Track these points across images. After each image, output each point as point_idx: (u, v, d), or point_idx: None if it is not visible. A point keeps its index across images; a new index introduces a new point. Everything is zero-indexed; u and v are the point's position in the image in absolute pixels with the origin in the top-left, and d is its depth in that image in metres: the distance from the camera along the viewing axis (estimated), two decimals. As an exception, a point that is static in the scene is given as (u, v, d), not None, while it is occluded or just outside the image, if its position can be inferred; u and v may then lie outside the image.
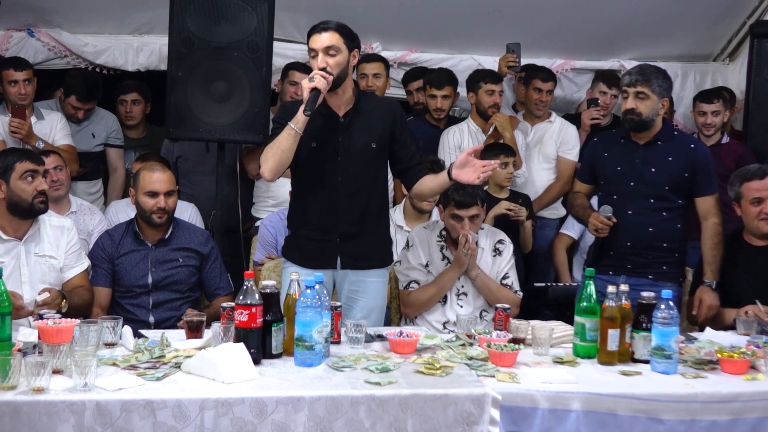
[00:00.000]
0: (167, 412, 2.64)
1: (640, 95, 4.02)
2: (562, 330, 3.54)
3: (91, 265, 4.15)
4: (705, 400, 2.94)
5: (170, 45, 4.76)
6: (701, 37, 6.42)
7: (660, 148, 4.08)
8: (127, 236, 4.21)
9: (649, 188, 4.07)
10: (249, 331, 3.02)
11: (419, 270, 4.27)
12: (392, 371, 3.00)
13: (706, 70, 6.60)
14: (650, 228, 4.07)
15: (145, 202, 4.13)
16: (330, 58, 3.68)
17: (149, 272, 4.14)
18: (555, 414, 2.87)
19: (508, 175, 5.02)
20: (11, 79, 5.10)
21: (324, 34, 3.72)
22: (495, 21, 5.94)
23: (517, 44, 5.66)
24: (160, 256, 4.17)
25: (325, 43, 3.69)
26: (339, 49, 3.71)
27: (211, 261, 4.28)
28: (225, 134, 4.83)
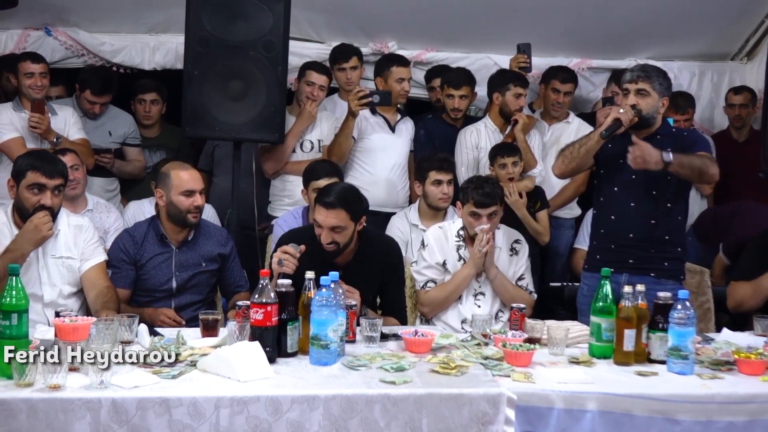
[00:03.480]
0: (183, 410, 2.65)
1: (642, 92, 3.99)
2: (578, 330, 3.53)
3: (111, 265, 4.07)
4: (722, 401, 2.93)
5: (186, 44, 4.78)
6: (719, 36, 6.39)
7: (660, 141, 4.04)
8: (149, 237, 4.12)
9: (651, 180, 4.02)
10: (264, 329, 3.03)
11: (436, 269, 4.27)
12: (407, 370, 3.00)
13: (723, 70, 6.56)
14: (653, 220, 4.03)
15: (182, 202, 4.03)
16: (336, 234, 3.75)
17: (173, 276, 4.09)
18: (570, 414, 2.86)
19: (509, 175, 5.00)
20: (28, 71, 5.10)
21: (330, 212, 3.73)
22: (511, 20, 5.93)
23: (527, 44, 5.64)
24: (183, 260, 4.11)
25: (332, 223, 3.74)
26: (345, 227, 3.77)
27: (231, 260, 4.25)
28: (241, 133, 4.84)
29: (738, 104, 6.09)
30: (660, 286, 3.70)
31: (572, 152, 4.11)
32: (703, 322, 4.58)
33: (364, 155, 5.33)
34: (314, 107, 5.29)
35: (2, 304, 2.79)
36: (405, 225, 4.88)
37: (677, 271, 4.12)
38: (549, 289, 5.00)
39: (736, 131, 6.16)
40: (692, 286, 4.63)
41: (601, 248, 4.18)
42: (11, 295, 2.79)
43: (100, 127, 5.54)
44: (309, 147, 5.36)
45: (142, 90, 5.79)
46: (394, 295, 4.07)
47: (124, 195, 5.69)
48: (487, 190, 4.16)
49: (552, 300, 4.87)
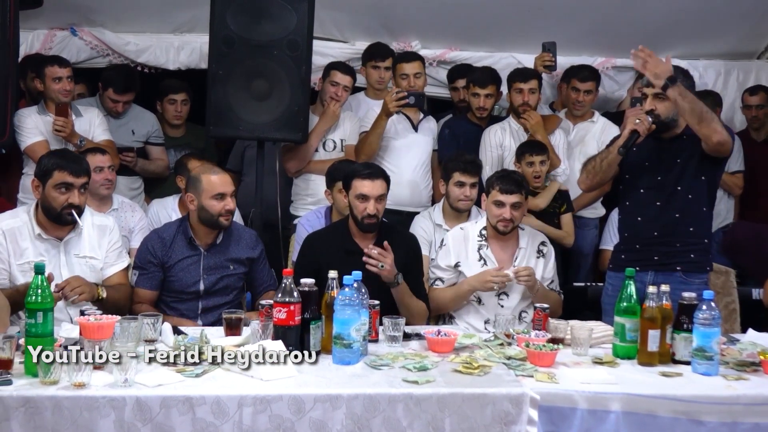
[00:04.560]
0: (206, 408, 2.66)
1: (660, 96, 3.94)
2: (602, 330, 3.51)
3: (138, 266, 4.09)
4: (747, 403, 2.91)
5: (211, 43, 4.80)
6: (745, 35, 6.34)
7: (686, 142, 4.01)
8: (178, 239, 4.11)
9: (678, 180, 3.99)
10: (287, 328, 3.04)
11: (446, 270, 4.27)
12: (430, 370, 3.00)
13: (749, 68, 6.51)
14: (677, 214, 3.99)
15: (213, 206, 4.02)
16: (379, 204, 4.06)
17: (201, 279, 4.08)
18: (594, 415, 2.85)
19: (536, 173, 4.99)
20: (56, 75, 5.13)
21: (376, 182, 4.07)
22: (535, 19, 5.91)
23: (552, 43, 5.61)
24: (212, 263, 4.10)
25: (379, 191, 4.06)
26: (385, 195, 4.12)
27: (261, 262, 4.25)
28: (265, 132, 4.85)
29: (755, 105, 6.08)
30: (685, 286, 3.68)
31: (594, 167, 4.10)
32: (728, 322, 4.55)
33: (388, 154, 5.32)
34: (338, 107, 5.30)
35: (28, 303, 2.82)
36: (429, 225, 4.87)
37: (704, 262, 4.07)
38: (573, 290, 4.97)
39: (755, 132, 6.13)
40: (717, 287, 4.60)
41: (626, 249, 4.16)
42: (36, 294, 2.81)
43: (123, 126, 5.57)
44: (332, 146, 5.36)
45: (173, 90, 5.81)
46: (415, 283, 4.09)
47: (147, 194, 5.71)
48: (514, 178, 4.19)
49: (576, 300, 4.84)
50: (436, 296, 4.25)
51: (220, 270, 4.12)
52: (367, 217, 3.98)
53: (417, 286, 4.10)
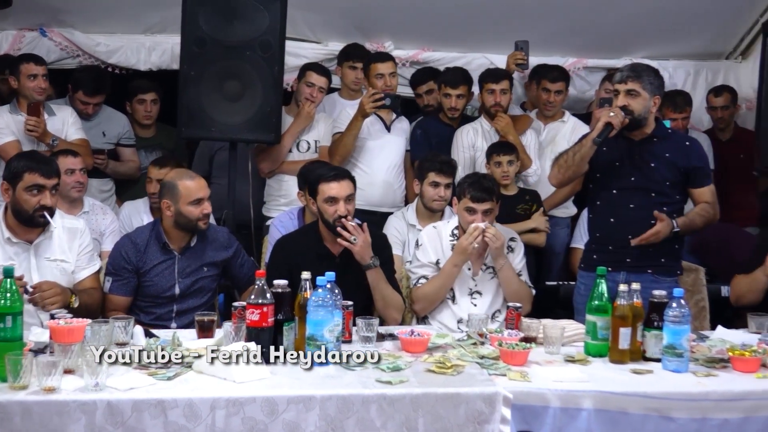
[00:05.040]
0: (178, 411, 2.65)
1: (632, 93, 3.99)
2: (574, 328, 3.54)
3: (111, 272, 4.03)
4: (716, 399, 2.94)
5: (183, 44, 4.78)
6: (714, 36, 6.41)
7: (657, 144, 4.06)
8: (152, 244, 4.07)
9: (650, 183, 4.04)
10: (260, 330, 3.03)
11: (429, 267, 4.26)
12: (403, 370, 3.00)
13: (718, 69, 6.59)
14: (652, 221, 4.04)
15: (191, 212, 3.98)
16: (350, 204, 4.01)
17: (176, 283, 4.06)
18: (566, 412, 2.87)
19: (504, 173, 5.00)
20: (31, 73, 5.08)
21: (342, 182, 4.02)
22: (507, 19, 5.93)
23: (525, 42, 5.63)
24: (186, 266, 4.08)
25: (347, 191, 4.01)
26: (353, 194, 4.06)
27: (238, 258, 4.23)
28: (237, 134, 4.84)
29: (719, 106, 6.15)
30: (657, 284, 3.71)
31: (567, 161, 4.12)
32: (698, 320, 4.59)
33: (361, 155, 5.32)
34: (313, 108, 5.30)
35: (-4, 307, 2.79)
36: (402, 225, 4.88)
37: (674, 267, 4.14)
38: (545, 288, 5.00)
39: (721, 132, 6.20)
40: (687, 284, 4.63)
41: (598, 249, 4.19)
42: (5, 297, 2.78)
43: (93, 128, 5.53)
44: (305, 147, 5.36)
45: (142, 90, 5.78)
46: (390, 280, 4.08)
47: (119, 196, 5.68)
48: (484, 186, 4.16)
49: (548, 299, 4.87)
50: (424, 292, 4.23)
51: (194, 273, 4.09)
52: (339, 219, 3.95)
53: (391, 282, 4.09)
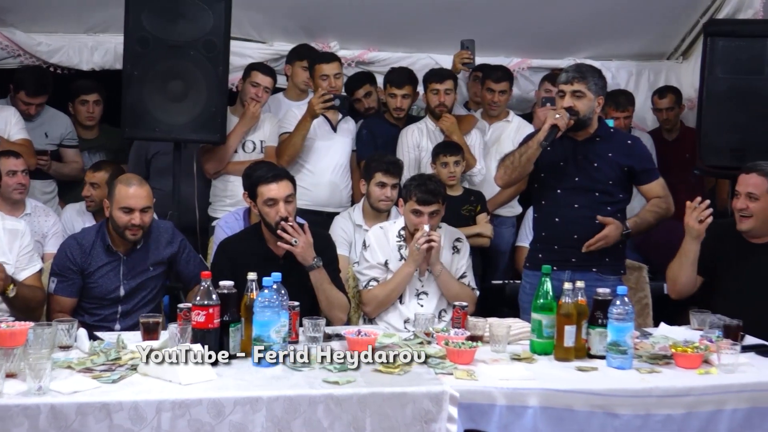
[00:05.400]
0: (123, 414, 2.62)
1: (577, 93, 4.03)
2: (519, 327, 3.56)
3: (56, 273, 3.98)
4: (660, 395, 2.98)
5: (125, 44, 4.73)
6: (656, 36, 6.51)
7: (599, 144, 4.11)
8: (97, 246, 4.02)
9: (594, 182, 4.08)
10: (206, 331, 3.01)
11: (378, 268, 4.27)
12: (350, 370, 3.00)
13: (660, 69, 6.69)
14: (595, 219, 4.08)
15: (120, 218, 3.94)
16: (289, 205, 3.96)
17: (121, 284, 4.01)
18: (512, 410, 2.89)
19: (450, 173, 5.03)
20: None
21: (281, 183, 3.98)
22: (452, 20, 5.96)
23: (471, 41, 5.67)
24: (131, 268, 4.04)
25: (286, 192, 3.97)
26: (293, 194, 4.03)
27: (184, 254, 4.18)
28: (182, 134, 4.80)
29: (664, 108, 6.23)
30: (601, 283, 3.76)
31: (513, 162, 4.15)
32: (641, 317, 4.66)
33: (307, 156, 5.31)
34: (258, 108, 5.27)
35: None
36: (349, 225, 4.88)
37: (618, 266, 4.19)
38: (491, 287, 5.04)
39: (667, 132, 6.30)
40: (631, 282, 4.70)
41: (543, 248, 4.23)
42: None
43: (36, 129, 5.44)
44: (251, 148, 5.33)
45: (84, 91, 5.71)
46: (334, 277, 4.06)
47: (61, 198, 5.60)
48: (430, 188, 4.17)
49: (494, 298, 4.91)
50: (373, 297, 4.24)
51: (140, 274, 4.06)
52: (280, 221, 3.90)
53: (335, 282, 4.08)
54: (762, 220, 3.96)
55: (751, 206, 3.94)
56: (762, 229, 3.98)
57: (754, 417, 3.05)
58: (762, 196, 3.94)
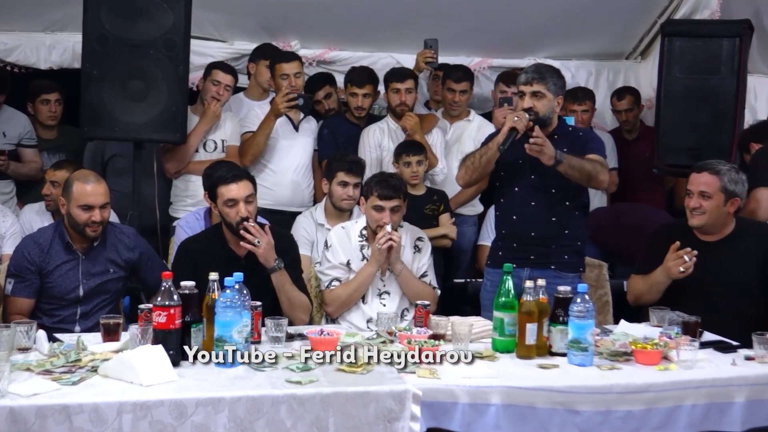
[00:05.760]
0: (84, 416, 2.60)
1: (537, 94, 4.04)
2: (481, 325, 3.58)
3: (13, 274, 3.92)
4: (620, 391, 3.01)
5: (84, 43, 4.68)
6: (614, 36, 6.58)
7: (556, 142, 4.12)
8: (55, 244, 3.98)
9: (550, 180, 4.08)
10: (167, 332, 2.99)
11: (340, 268, 4.27)
12: (313, 370, 3.00)
13: (619, 68, 6.76)
14: (553, 217, 4.11)
15: (79, 215, 3.90)
16: (250, 205, 3.95)
17: (80, 284, 3.97)
18: (475, 408, 2.90)
19: (413, 173, 5.04)
20: None
21: (240, 183, 3.96)
22: (414, 19, 5.97)
23: (434, 40, 5.68)
24: (91, 267, 3.99)
25: (246, 192, 3.95)
26: (254, 194, 4.01)
27: (146, 260, 4.15)
28: (142, 133, 4.77)
29: (623, 110, 6.29)
30: (560, 280, 3.79)
31: (473, 162, 4.15)
32: (601, 314, 4.70)
33: (269, 155, 5.30)
34: (218, 107, 5.25)
35: None
36: (311, 225, 4.87)
37: (577, 263, 4.21)
38: (453, 286, 5.06)
39: (627, 132, 6.36)
40: (591, 280, 4.75)
41: (503, 246, 4.24)
42: None
43: (-7, 129, 5.39)
44: (212, 147, 5.31)
45: (46, 90, 5.65)
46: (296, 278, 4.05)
47: (20, 198, 5.54)
48: (391, 183, 4.19)
49: (456, 296, 4.93)
50: (336, 297, 4.24)
51: (99, 275, 4.01)
52: (241, 221, 3.89)
53: (297, 283, 4.08)
54: (714, 217, 4.02)
55: (704, 204, 4.00)
56: (714, 226, 4.04)
57: (712, 412, 3.09)
58: (714, 194, 4.00)
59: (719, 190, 4.00)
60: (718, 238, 4.05)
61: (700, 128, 5.25)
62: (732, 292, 3.98)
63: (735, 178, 4.04)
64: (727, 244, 4.05)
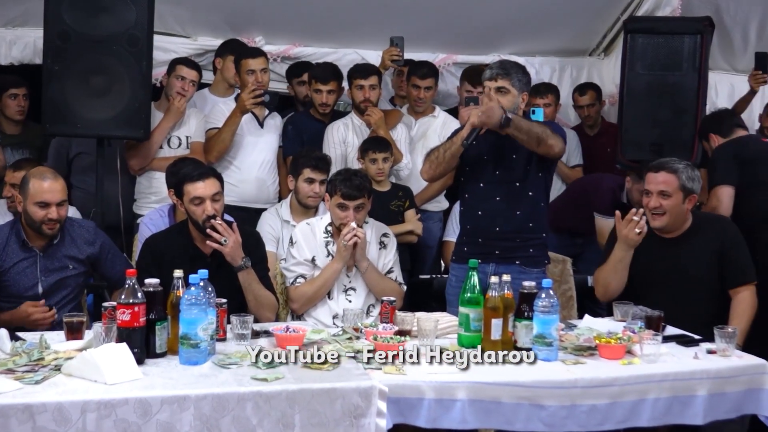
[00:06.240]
0: (47, 416, 2.57)
1: (501, 90, 4.06)
2: (447, 321, 3.59)
3: None
4: (585, 386, 3.04)
5: (45, 38, 4.65)
6: (578, 33, 6.62)
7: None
8: (11, 242, 3.94)
9: (513, 174, 4.11)
10: (132, 330, 2.97)
11: (305, 265, 4.26)
12: (279, 367, 2.99)
13: (582, 65, 6.81)
14: (517, 210, 4.13)
15: (35, 213, 3.86)
16: (216, 203, 3.92)
17: (39, 281, 3.93)
18: (441, 404, 2.91)
19: (379, 170, 5.05)
20: None
21: (207, 181, 3.93)
22: (378, 15, 5.97)
23: (400, 38, 5.68)
24: (49, 264, 3.96)
25: (212, 190, 3.92)
26: (220, 192, 3.98)
27: (108, 255, 4.12)
28: (105, 130, 4.74)
29: (585, 105, 6.34)
30: (525, 275, 3.81)
31: (438, 157, 4.16)
32: (565, 309, 4.73)
33: (233, 152, 5.28)
34: (183, 103, 5.21)
35: None
36: (276, 221, 4.86)
37: (541, 256, 4.23)
38: (419, 282, 5.07)
39: (589, 128, 6.41)
40: (555, 275, 4.77)
41: (468, 241, 4.26)
42: None
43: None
44: (177, 143, 5.27)
45: (14, 84, 5.58)
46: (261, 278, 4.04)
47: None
48: (355, 183, 4.18)
49: (422, 292, 4.94)
50: (301, 294, 4.22)
51: (58, 271, 3.98)
52: (208, 219, 3.88)
53: (264, 278, 4.07)
54: (675, 216, 4.07)
55: (664, 203, 4.04)
56: (674, 224, 4.09)
57: (675, 405, 3.13)
58: (674, 193, 4.04)
59: (678, 188, 4.04)
60: (677, 234, 4.10)
61: (663, 124, 5.31)
62: (692, 287, 4.03)
63: (691, 175, 4.08)
64: (685, 239, 4.10)
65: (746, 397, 3.23)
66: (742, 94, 6.26)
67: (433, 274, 5.28)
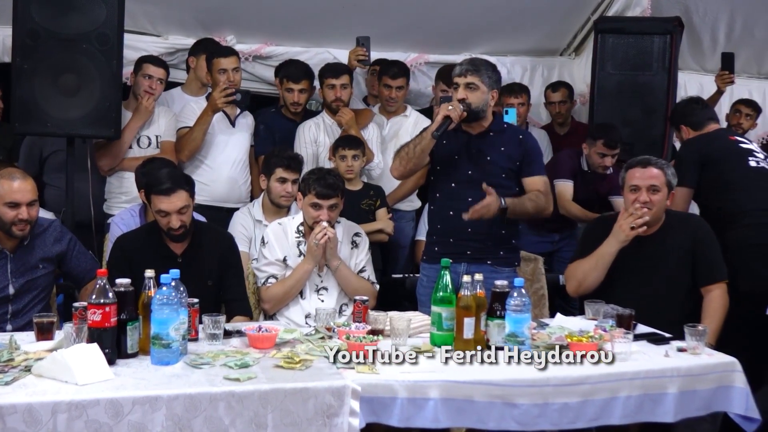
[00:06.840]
0: (17, 417, 2.55)
1: (471, 86, 4.09)
2: (420, 320, 3.60)
3: None
4: (556, 384, 3.05)
5: (14, 36, 4.59)
6: (549, 33, 6.66)
7: (492, 138, 4.17)
8: None
9: (487, 176, 4.11)
10: (103, 330, 2.95)
11: (276, 265, 4.26)
12: (251, 366, 2.98)
13: (553, 65, 6.85)
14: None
15: (5, 213, 3.81)
16: (183, 216, 3.91)
17: (10, 283, 3.89)
18: (414, 403, 2.91)
19: (348, 167, 5.05)
20: None
21: (173, 196, 3.90)
22: (350, 14, 5.97)
23: (366, 38, 5.68)
24: (20, 265, 3.92)
25: (178, 205, 3.90)
26: (188, 205, 3.95)
27: (73, 251, 4.09)
28: (75, 129, 4.69)
29: (557, 101, 6.37)
30: (496, 275, 3.82)
31: (408, 153, 4.17)
32: (537, 308, 4.76)
33: (205, 151, 5.25)
34: (152, 102, 5.18)
35: None
36: (248, 221, 4.84)
37: (512, 258, 4.26)
38: (391, 281, 5.07)
39: (559, 126, 6.45)
40: (527, 274, 4.80)
41: (438, 241, 4.27)
42: None
43: None
44: (146, 143, 5.24)
45: None
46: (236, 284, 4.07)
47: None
48: (329, 182, 4.18)
49: (394, 292, 4.94)
50: (273, 294, 4.23)
51: (29, 272, 3.94)
52: (172, 230, 3.90)
53: (237, 285, 4.06)
54: (659, 211, 4.09)
55: (653, 198, 4.06)
56: (654, 221, 4.10)
57: (646, 403, 3.15)
58: (662, 188, 4.08)
59: (665, 183, 4.09)
60: (651, 231, 4.12)
61: (633, 123, 5.36)
62: (664, 285, 4.05)
63: (673, 171, 4.13)
64: (658, 237, 4.12)
65: (716, 395, 3.26)
66: (711, 93, 6.32)
67: (405, 273, 5.29)
